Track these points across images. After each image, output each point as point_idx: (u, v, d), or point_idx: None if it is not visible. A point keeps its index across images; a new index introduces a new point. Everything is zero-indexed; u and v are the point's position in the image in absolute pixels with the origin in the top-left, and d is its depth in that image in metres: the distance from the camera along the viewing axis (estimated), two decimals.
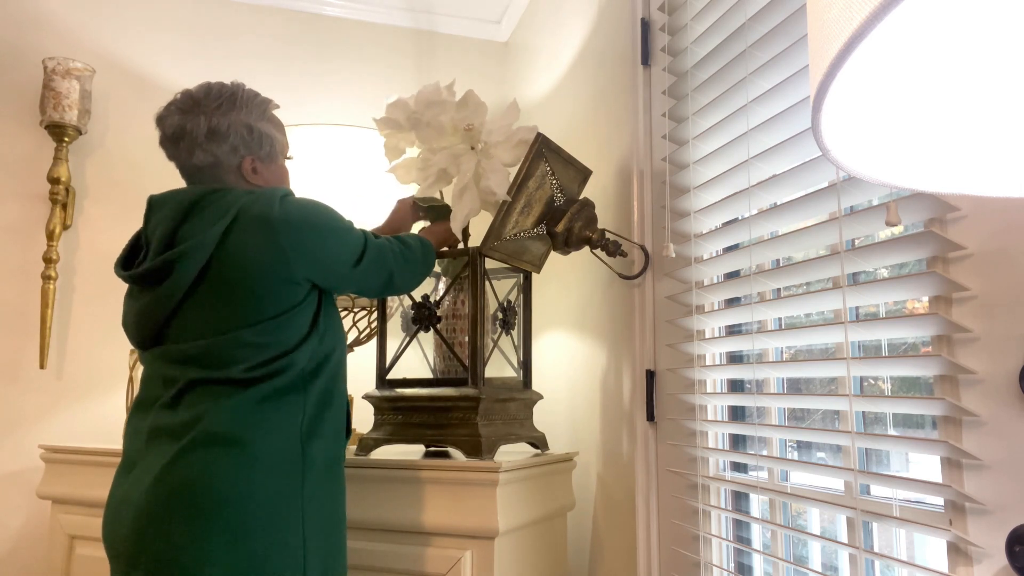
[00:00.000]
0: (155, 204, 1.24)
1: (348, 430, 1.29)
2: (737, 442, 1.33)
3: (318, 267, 1.18)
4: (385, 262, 1.30)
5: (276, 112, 1.38)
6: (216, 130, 1.22)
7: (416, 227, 1.88)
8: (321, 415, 1.19)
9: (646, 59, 1.56)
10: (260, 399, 1.12)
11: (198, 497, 1.05)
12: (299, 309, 1.17)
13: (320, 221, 1.20)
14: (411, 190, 1.93)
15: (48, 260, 2.10)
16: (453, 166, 1.48)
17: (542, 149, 1.42)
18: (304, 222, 1.18)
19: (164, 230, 1.18)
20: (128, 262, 1.24)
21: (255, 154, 1.26)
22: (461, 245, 1.59)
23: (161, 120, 1.25)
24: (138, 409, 1.19)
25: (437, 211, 1.59)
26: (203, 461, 1.07)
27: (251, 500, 1.07)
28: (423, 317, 1.54)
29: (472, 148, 1.48)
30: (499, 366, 1.65)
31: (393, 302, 1.66)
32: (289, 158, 1.38)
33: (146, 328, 1.19)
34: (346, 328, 1.89)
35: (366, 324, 1.92)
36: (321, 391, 1.20)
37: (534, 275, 1.67)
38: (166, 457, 1.08)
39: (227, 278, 1.14)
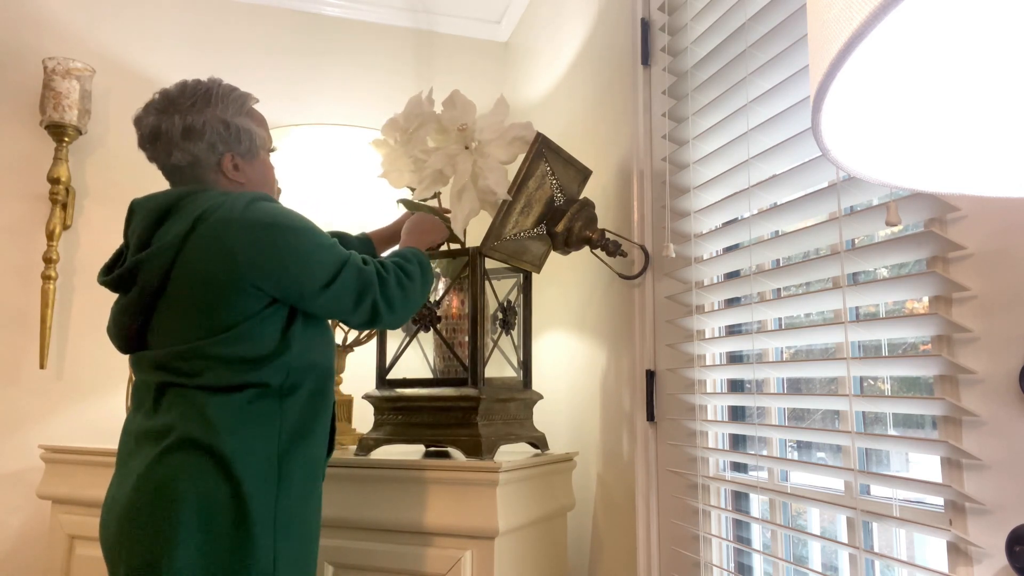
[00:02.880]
0: (135, 208, 1.22)
1: (331, 447, 1.27)
2: (737, 442, 1.33)
3: (271, 277, 1.12)
4: (367, 290, 1.19)
5: (257, 107, 1.34)
6: (191, 128, 1.20)
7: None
8: (300, 432, 1.16)
9: (646, 59, 1.56)
10: (235, 408, 1.11)
11: (172, 502, 1.04)
12: (258, 321, 1.12)
13: (284, 229, 1.13)
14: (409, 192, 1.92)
15: (48, 260, 2.10)
16: (449, 167, 1.47)
17: (542, 149, 1.42)
18: (262, 226, 1.12)
19: (140, 235, 1.17)
20: (112, 268, 1.23)
21: (234, 150, 1.24)
22: (458, 245, 1.59)
23: (138, 121, 1.24)
24: (130, 412, 1.19)
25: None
26: (178, 466, 1.06)
27: (223, 509, 1.06)
28: (423, 317, 1.54)
29: (466, 148, 1.47)
30: (499, 366, 1.65)
31: None
32: (273, 150, 1.35)
33: (123, 333, 1.18)
34: (346, 328, 1.89)
35: None
36: (300, 409, 1.16)
37: (534, 275, 1.67)
38: (147, 460, 1.08)
39: (184, 284, 1.12)
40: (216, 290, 1.10)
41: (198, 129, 1.20)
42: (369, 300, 1.19)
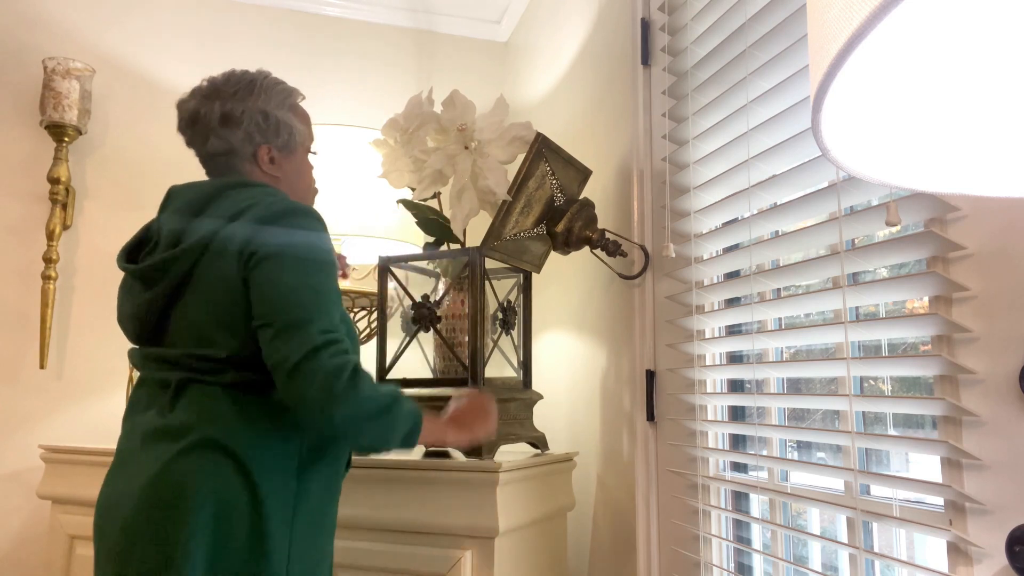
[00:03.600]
0: (173, 195, 1.17)
1: (348, 464, 1.23)
2: (737, 442, 1.33)
3: (253, 278, 1.06)
4: (318, 379, 1.00)
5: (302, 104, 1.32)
6: (230, 116, 1.18)
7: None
8: (320, 452, 1.13)
9: (646, 59, 1.56)
10: (257, 413, 1.08)
11: (190, 503, 1.01)
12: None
13: (300, 248, 1.07)
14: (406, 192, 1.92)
15: (48, 260, 2.10)
16: (448, 167, 1.47)
17: (542, 149, 1.42)
18: (284, 243, 1.07)
19: (175, 225, 1.13)
20: (133, 253, 1.18)
21: (272, 143, 1.21)
22: (458, 245, 1.59)
23: (180, 105, 1.22)
24: (134, 409, 1.15)
25: (436, 227, 1.56)
26: (197, 467, 1.03)
27: (241, 515, 1.03)
28: (423, 317, 1.54)
29: (466, 148, 1.47)
30: (499, 366, 1.65)
31: (393, 302, 1.66)
32: (313, 152, 1.32)
33: (141, 326, 1.15)
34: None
35: (366, 324, 1.92)
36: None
37: (534, 275, 1.67)
38: (163, 459, 1.04)
39: (205, 281, 1.09)
40: (229, 290, 1.08)
41: (236, 117, 1.18)
42: (304, 375, 1.00)
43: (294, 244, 1.08)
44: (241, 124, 1.19)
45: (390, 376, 1.57)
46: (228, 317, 1.08)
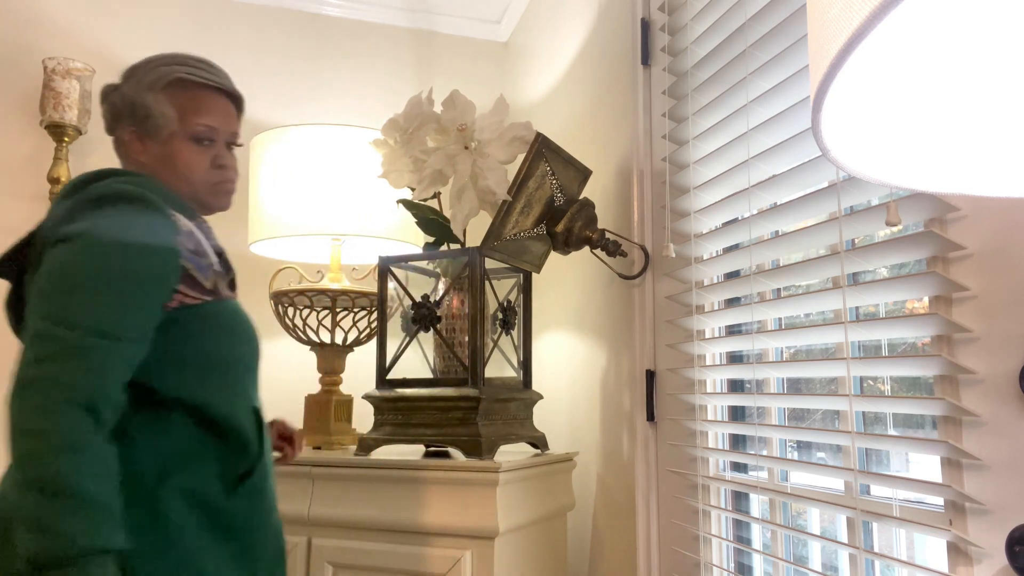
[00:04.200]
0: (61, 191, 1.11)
1: (252, 472, 1.01)
2: (737, 442, 1.33)
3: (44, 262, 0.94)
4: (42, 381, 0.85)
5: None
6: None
7: None
8: (187, 460, 0.96)
9: (646, 59, 1.56)
10: None
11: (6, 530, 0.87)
12: None
13: (90, 234, 0.92)
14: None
15: None
16: (448, 167, 1.47)
17: (542, 149, 1.42)
18: (73, 229, 0.93)
19: (46, 222, 1.03)
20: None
21: (135, 125, 1.11)
22: (458, 245, 1.59)
23: None
24: None
25: (436, 227, 1.56)
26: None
27: None
28: (423, 317, 1.54)
29: (466, 148, 1.47)
30: (499, 366, 1.65)
31: (393, 302, 1.66)
32: (238, 145, 1.18)
33: (14, 331, 1.07)
34: (346, 328, 1.88)
35: (366, 324, 1.92)
36: (188, 432, 0.97)
37: (534, 275, 1.67)
38: (6, 480, 0.89)
39: (31, 282, 0.98)
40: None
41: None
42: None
43: (85, 230, 0.93)
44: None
45: (390, 376, 1.57)
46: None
